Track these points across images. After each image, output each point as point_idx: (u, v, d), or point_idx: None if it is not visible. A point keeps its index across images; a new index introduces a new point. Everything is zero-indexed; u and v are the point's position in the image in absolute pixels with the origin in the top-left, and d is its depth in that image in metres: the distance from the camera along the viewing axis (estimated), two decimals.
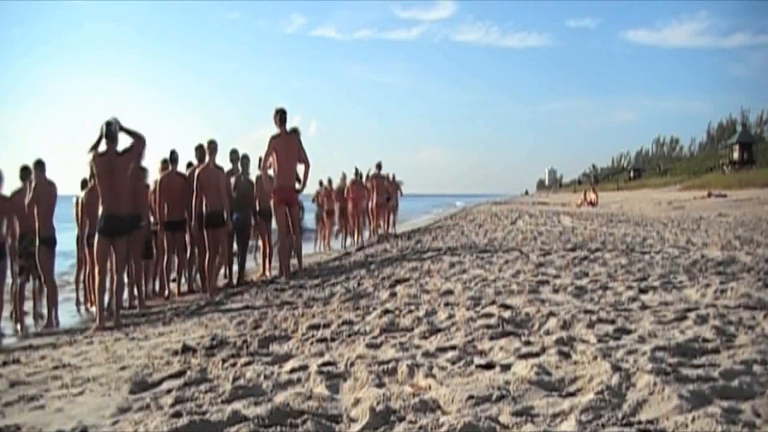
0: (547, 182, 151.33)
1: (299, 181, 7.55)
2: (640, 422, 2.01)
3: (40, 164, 6.92)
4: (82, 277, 7.88)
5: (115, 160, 5.74)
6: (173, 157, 7.74)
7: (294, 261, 8.02)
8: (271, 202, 7.73)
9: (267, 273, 8.63)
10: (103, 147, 5.80)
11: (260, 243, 9.24)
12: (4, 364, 3.98)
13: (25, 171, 7.09)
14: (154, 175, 7.84)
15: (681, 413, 2.02)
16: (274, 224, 8.17)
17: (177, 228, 7.65)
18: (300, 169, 7.49)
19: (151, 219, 7.71)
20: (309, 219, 8.86)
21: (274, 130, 7.26)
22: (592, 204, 30.76)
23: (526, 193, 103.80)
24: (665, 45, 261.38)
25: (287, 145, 7.24)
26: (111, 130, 5.73)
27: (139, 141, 5.91)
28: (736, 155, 55.60)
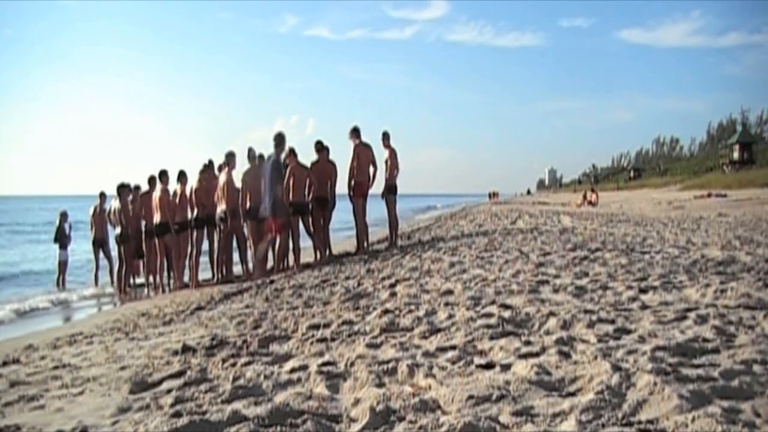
0: (547, 182, 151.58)
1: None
2: (640, 422, 2.01)
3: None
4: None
5: None
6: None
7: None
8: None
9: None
10: None
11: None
12: (4, 364, 3.97)
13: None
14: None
15: (681, 413, 2.02)
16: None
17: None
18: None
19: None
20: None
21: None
22: (592, 204, 30.72)
23: (528, 192, 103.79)
24: (660, 45, 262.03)
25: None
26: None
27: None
28: (736, 155, 55.60)
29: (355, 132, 9.30)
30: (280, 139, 8.47)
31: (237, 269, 9.73)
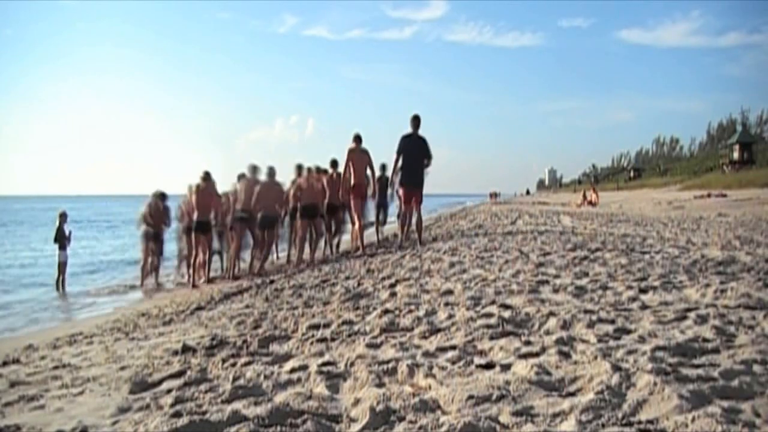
0: (547, 182, 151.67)
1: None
2: (640, 422, 2.01)
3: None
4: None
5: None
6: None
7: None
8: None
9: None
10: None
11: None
12: (4, 364, 3.98)
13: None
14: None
15: (681, 413, 2.02)
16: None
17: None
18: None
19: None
20: None
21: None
22: (592, 204, 30.73)
23: (527, 192, 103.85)
24: (659, 44, 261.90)
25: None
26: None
27: None
28: (736, 155, 55.57)
29: (357, 138, 9.94)
30: (417, 120, 9.28)
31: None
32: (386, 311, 4.16)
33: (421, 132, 9.32)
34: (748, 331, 3.18)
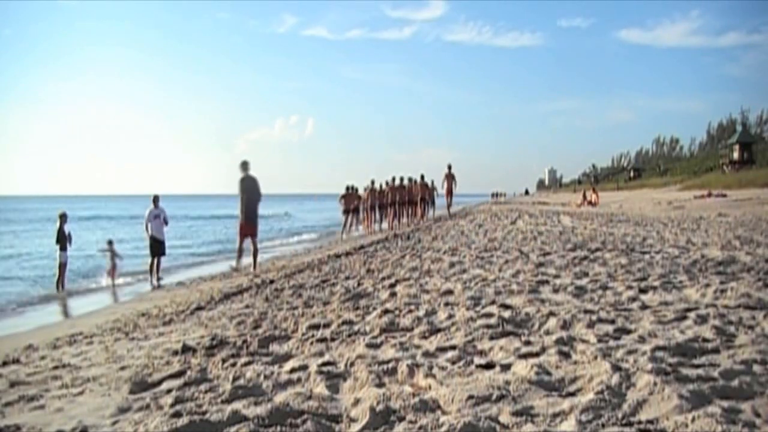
0: (547, 182, 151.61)
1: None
2: (640, 422, 2.01)
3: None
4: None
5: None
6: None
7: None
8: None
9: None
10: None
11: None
12: (4, 364, 3.97)
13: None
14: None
15: (681, 413, 2.02)
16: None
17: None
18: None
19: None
20: None
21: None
22: (592, 204, 30.72)
23: (526, 192, 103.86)
24: (659, 44, 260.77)
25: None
26: None
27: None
28: (736, 155, 55.54)
29: (449, 167, 20.19)
30: (246, 165, 9.81)
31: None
32: (386, 311, 4.16)
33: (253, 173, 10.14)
34: (748, 331, 3.18)
